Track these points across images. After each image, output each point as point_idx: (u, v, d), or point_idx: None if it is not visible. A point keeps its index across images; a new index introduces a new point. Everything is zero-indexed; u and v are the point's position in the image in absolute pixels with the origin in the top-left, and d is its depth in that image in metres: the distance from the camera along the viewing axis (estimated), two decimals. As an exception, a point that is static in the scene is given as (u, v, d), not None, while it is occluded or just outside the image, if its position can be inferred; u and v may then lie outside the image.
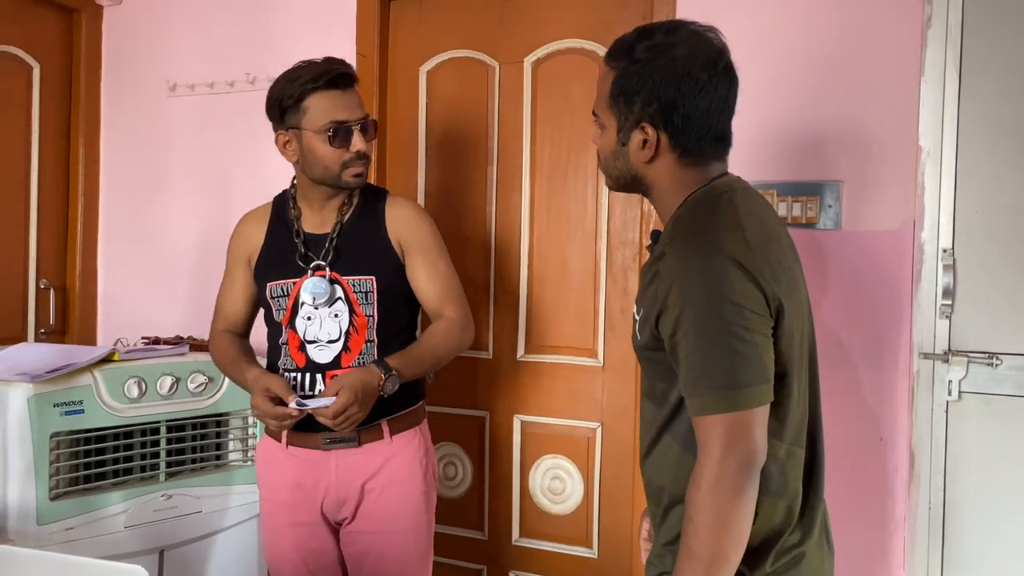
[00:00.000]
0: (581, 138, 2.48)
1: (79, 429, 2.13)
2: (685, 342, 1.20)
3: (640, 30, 1.31)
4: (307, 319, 1.84)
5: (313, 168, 1.81)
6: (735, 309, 1.17)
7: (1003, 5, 2.01)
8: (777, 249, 1.27)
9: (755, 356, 1.17)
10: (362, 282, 1.84)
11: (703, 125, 1.27)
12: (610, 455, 2.47)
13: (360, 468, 1.84)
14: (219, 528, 2.40)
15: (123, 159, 3.00)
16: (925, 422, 2.08)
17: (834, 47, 2.14)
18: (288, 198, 1.94)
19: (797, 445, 1.28)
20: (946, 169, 2.06)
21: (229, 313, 1.99)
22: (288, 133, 1.82)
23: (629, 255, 2.44)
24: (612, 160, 1.35)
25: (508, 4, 2.54)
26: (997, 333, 2.04)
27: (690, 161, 1.30)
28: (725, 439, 1.16)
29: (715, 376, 1.17)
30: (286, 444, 1.86)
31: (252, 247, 1.94)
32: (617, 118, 1.30)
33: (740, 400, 1.16)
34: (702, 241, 1.22)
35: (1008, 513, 2.03)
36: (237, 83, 2.79)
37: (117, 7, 2.99)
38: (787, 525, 1.27)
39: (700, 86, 1.25)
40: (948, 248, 2.06)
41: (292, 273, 1.85)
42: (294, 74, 1.79)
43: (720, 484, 1.16)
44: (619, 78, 1.28)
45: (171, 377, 2.28)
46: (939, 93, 2.06)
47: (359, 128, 1.79)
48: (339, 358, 1.83)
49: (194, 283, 2.89)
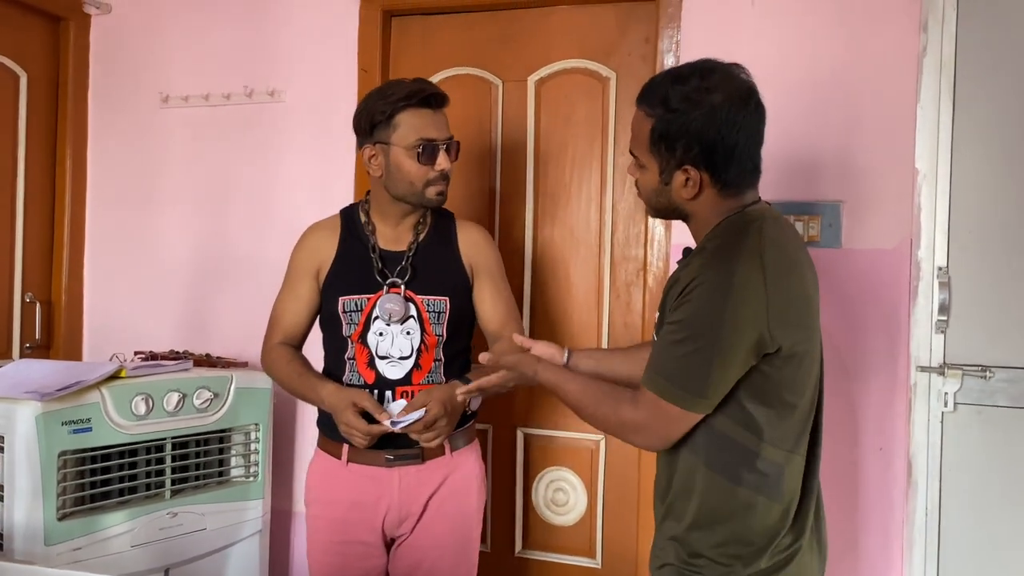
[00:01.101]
0: (584, 156, 2.53)
1: (87, 447, 2.09)
2: (672, 336, 1.34)
3: (672, 75, 1.39)
4: (379, 335, 1.85)
5: (397, 184, 1.83)
6: (726, 334, 1.28)
7: (993, 37, 2.13)
8: (796, 278, 1.36)
9: (715, 376, 1.30)
10: (436, 302, 1.88)
11: (742, 160, 1.37)
12: (613, 467, 2.52)
13: (424, 484, 1.86)
14: (224, 545, 2.37)
15: (112, 170, 2.94)
16: (922, 432, 2.17)
17: (835, 74, 2.23)
18: (358, 212, 1.94)
19: (797, 453, 1.38)
20: (941, 190, 2.16)
21: (289, 326, 1.95)
22: (375, 147, 1.83)
23: (632, 271, 2.50)
24: (655, 196, 1.44)
25: (512, 24, 2.58)
26: (989, 347, 2.14)
27: (729, 192, 1.39)
28: (649, 416, 1.35)
29: (679, 371, 1.31)
30: (346, 461, 1.86)
31: (322, 259, 1.92)
32: (659, 161, 1.39)
33: (680, 400, 1.32)
34: (722, 263, 1.32)
35: (1001, 519, 2.13)
36: (234, 96, 2.77)
37: (106, 16, 2.94)
38: (782, 526, 1.36)
39: (737, 127, 1.34)
40: (943, 266, 2.16)
41: (367, 288, 1.86)
42: (387, 90, 1.83)
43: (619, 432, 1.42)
44: (658, 125, 1.36)
45: (178, 393, 2.25)
46: (934, 119, 2.16)
47: (445, 148, 1.83)
48: (410, 375, 1.85)
49: (186, 297, 2.86)
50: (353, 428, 1.75)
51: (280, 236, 2.68)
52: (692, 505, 1.38)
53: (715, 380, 1.30)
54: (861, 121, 2.22)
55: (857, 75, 2.21)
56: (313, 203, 2.66)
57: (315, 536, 1.93)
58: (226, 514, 2.38)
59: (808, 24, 2.24)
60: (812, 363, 1.39)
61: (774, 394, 1.34)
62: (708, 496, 1.36)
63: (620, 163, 2.50)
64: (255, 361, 2.66)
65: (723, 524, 1.36)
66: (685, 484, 1.39)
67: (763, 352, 1.30)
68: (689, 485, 1.38)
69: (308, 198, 2.69)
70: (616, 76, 2.49)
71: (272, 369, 1.96)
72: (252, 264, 2.76)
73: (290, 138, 2.72)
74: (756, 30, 2.28)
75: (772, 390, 1.34)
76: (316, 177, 2.70)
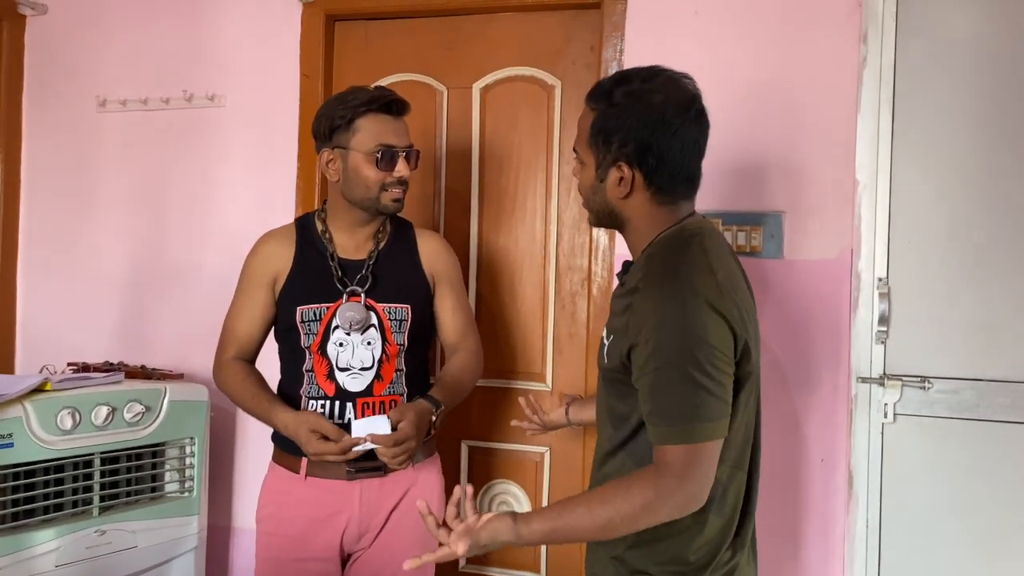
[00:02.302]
0: (530, 165, 2.50)
1: (8, 464, 2.01)
2: (655, 376, 1.27)
3: (619, 76, 1.41)
4: (339, 345, 1.81)
5: (354, 188, 1.81)
6: (708, 350, 1.26)
7: (932, 48, 2.14)
8: (740, 289, 1.37)
9: (719, 394, 1.27)
10: (398, 310, 1.85)
11: (675, 165, 1.36)
12: (558, 479, 2.49)
13: (386, 497, 1.83)
14: (157, 563, 2.30)
15: (47, 176, 2.86)
16: (863, 443, 2.17)
17: (777, 85, 2.23)
18: (314, 221, 1.91)
19: (739, 468, 1.38)
20: (880, 201, 2.16)
21: (243, 337, 1.89)
22: (334, 152, 1.81)
23: (577, 281, 2.47)
24: (591, 195, 1.43)
25: (457, 30, 2.55)
26: (929, 358, 2.15)
27: (662, 199, 1.39)
28: (682, 469, 1.26)
29: (680, 410, 1.26)
30: (305, 475, 1.81)
31: (278, 268, 1.87)
32: (596, 156, 1.39)
33: (700, 433, 1.26)
34: (677, 282, 1.30)
35: (940, 529, 2.13)
36: (173, 100, 2.70)
37: (42, 17, 2.85)
38: (723, 541, 1.37)
39: (673, 130, 1.34)
40: (883, 277, 2.16)
41: (326, 298, 1.82)
42: (348, 95, 1.81)
43: (663, 502, 1.26)
44: (598, 119, 1.38)
45: (107, 407, 2.18)
46: (874, 129, 2.16)
47: (405, 155, 1.82)
48: (371, 386, 1.82)
49: (123, 306, 2.78)
50: (324, 453, 1.70)
51: (220, 244, 2.65)
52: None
53: (724, 394, 1.28)
54: (802, 131, 2.22)
55: (798, 85, 2.21)
56: (253, 210, 2.61)
57: (266, 554, 1.87)
58: (159, 531, 2.31)
59: (750, 35, 2.24)
60: (755, 375, 1.40)
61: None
62: None
63: (565, 172, 2.47)
64: (192, 372, 2.61)
65: (665, 541, 1.35)
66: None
67: (742, 351, 1.31)
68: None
69: (248, 205, 2.64)
70: (561, 84, 2.47)
71: (226, 386, 1.89)
72: (191, 273, 2.69)
73: (230, 144, 2.66)
74: (699, 39, 2.27)
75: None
76: (257, 183, 2.64)
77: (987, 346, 2.11)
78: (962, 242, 2.12)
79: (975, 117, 2.11)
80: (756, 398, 1.42)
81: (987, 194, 2.11)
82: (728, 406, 1.29)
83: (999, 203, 2.10)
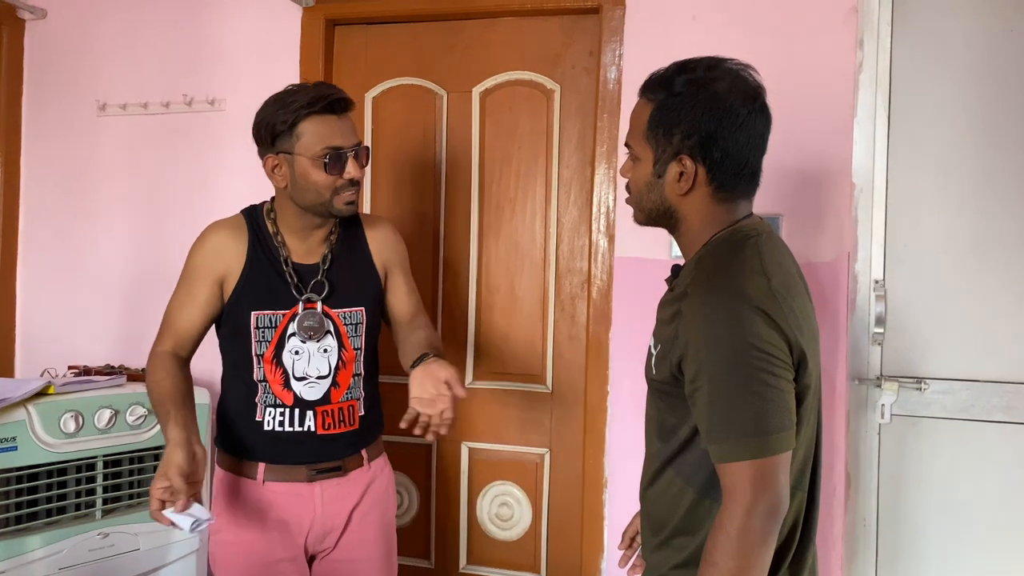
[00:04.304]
0: (530, 168, 2.52)
1: (11, 467, 2.02)
2: (710, 388, 1.19)
3: (679, 65, 1.30)
4: (295, 353, 1.76)
5: (304, 194, 1.72)
6: (761, 355, 1.17)
7: (927, 54, 2.17)
8: (799, 296, 1.27)
9: (781, 402, 1.18)
10: (353, 314, 1.80)
11: (740, 160, 1.27)
12: (558, 481, 2.51)
13: (346, 496, 1.81)
14: (158, 566, 2.31)
15: (46, 180, 2.86)
16: (860, 444, 2.20)
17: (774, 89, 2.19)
18: (263, 220, 1.81)
19: (799, 488, 1.29)
20: (877, 204, 2.19)
21: (182, 331, 1.77)
22: (278, 157, 1.72)
23: (577, 283, 2.49)
24: (646, 192, 1.34)
25: (457, 34, 2.57)
26: (924, 359, 2.18)
27: (723, 196, 1.30)
28: (753, 486, 1.16)
29: (741, 422, 1.17)
30: (263, 480, 1.77)
31: (227, 267, 1.76)
32: (654, 150, 1.30)
33: (767, 447, 1.16)
34: (727, 286, 1.22)
35: (937, 527, 2.16)
36: (173, 104, 2.71)
37: (41, 21, 2.86)
38: (780, 565, 1.27)
39: (740, 121, 1.25)
40: (880, 279, 2.19)
41: (281, 304, 1.75)
42: (287, 97, 1.70)
43: (749, 531, 1.16)
44: (658, 110, 1.28)
45: (109, 410, 2.19)
46: (870, 133, 2.19)
47: (353, 155, 1.72)
48: (328, 394, 1.78)
49: (123, 311, 2.79)
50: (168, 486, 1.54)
51: (220, 248, 2.64)
52: (693, 542, 1.29)
53: (786, 403, 1.19)
54: (800, 136, 2.24)
55: (795, 90, 2.23)
56: (254, 214, 2.61)
57: (232, 563, 1.79)
58: (160, 533, 2.31)
59: (748, 40, 2.26)
60: (815, 391, 1.29)
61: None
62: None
63: (565, 176, 2.49)
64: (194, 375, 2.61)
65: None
66: (686, 522, 1.30)
67: (799, 361, 1.22)
68: (691, 523, 1.30)
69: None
70: (560, 89, 2.49)
71: (149, 377, 1.75)
72: (191, 276, 2.69)
73: (230, 148, 2.67)
74: (697, 44, 2.29)
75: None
76: (256, 187, 2.61)
77: (981, 348, 2.14)
78: (957, 245, 2.15)
79: (970, 121, 2.14)
80: (817, 414, 1.32)
81: (982, 197, 2.14)
82: (793, 414, 1.19)
83: (994, 206, 2.13)
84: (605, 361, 2.37)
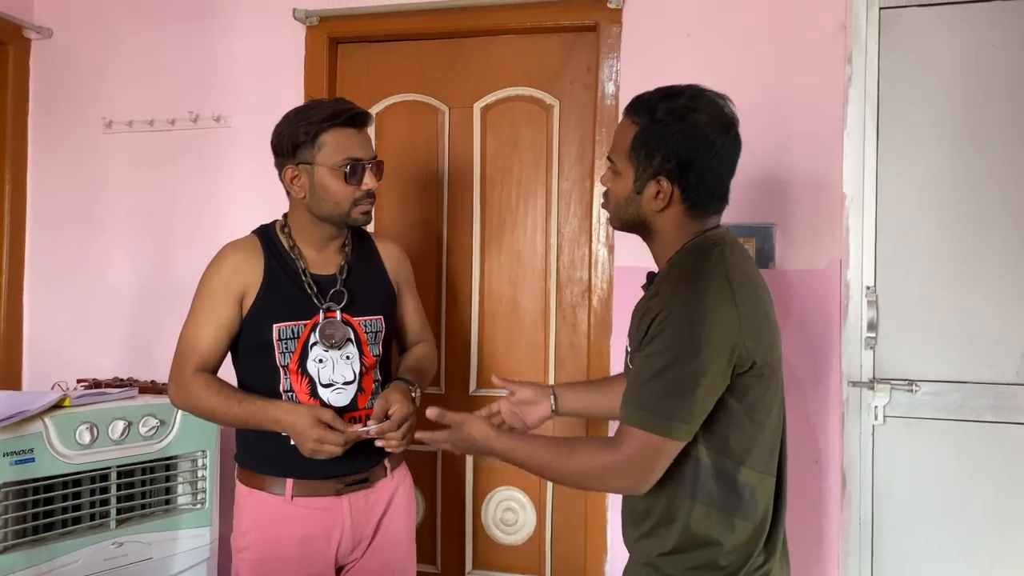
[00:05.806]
0: (530, 180, 2.59)
1: (29, 479, 2.06)
2: (645, 361, 1.34)
3: (663, 92, 1.43)
4: (319, 362, 1.80)
5: (323, 204, 1.79)
6: (703, 360, 1.30)
7: (913, 67, 2.25)
8: (760, 302, 1.40)
9: (697, 400, 1.31)
10: (373, 322, 1.86)
11: (713, 183, 1.42)
12: (562, 486, 2.55)
13: (373, 507, 1.86)
14: (171, 574, 2.34)
15: (53, 196, 2.91)
16: (854, 445, 2.27)
17: (767, 104, 2.33)
18: (277, 235, 1.87)
19: (768, 473, 1.42)
20: (867, 214, 2.27)
21: (206, 353, 1.80)
22: (298, 168, 1.78)
23: (577, 292, 2.56)
24: (624, 204, 1.47)
25: (458, 51, 2.64)
26: (915, 362, 2.25)
27: (695, 213, 1.43)
28: (632, 453, 1.33)
29: (657, 399, 1.31)
30: (291, 496, 1.79)
31: (246, 284, 1.80)
32: (635, 168, 1.43)
33: (665, 429, 1.31)
34: (691, 289, 1.34)
35: (930, 526, 2.23)
36: (179, 121, 2.76)
37: (47, 40, 2.91)
38: (755, 546, 1.40)
39: (715, 150, 1.39)
40: (871, 285, 2.26)
41: (302, 314, 1.79)
42: (309, 110, 1.78)
43: (590, 475, 1.37)
44: (641, 133, 1.41)
45: (123, 421, 2.23)
46: (860, 145, 2.27)
47: (371, 167, 1.79)
48: (355, 399, 1.82)
49: (130, 324, 2.83)
50: (329, 442, 1.67)
51: (227, 261, 2.69)
52: (674, 531, 1.40)
53: (698, 405, 1.32)
54: (792, 147, 2.32)
55: (787, 104, 2.32)
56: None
57: None
58: (173, 542, 2.35)
59: (741, 55, 2.35)
60: (778, 381, 1.43)
61: (748, 415, 1.37)
62: (691, 522, 1.39)
63: (564, 188, 2.56)
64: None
65: (702, 548, 1.39)
66: (667, 513, 1.41)
67: (740, 368, 1.34)
68: (671, 514, 1.40)
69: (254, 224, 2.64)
70: (559, 104, 2.56)
71: (197, 401, 1.77)
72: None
73: (235, 164, 2.72)
74: (692, 61, 2.37)
75: (746, 411, 1.37)
76: (261, 203, 2.67)
77: (970, 350, 2.22)
78: (945, 251, 2.23)
79: (955, 131, 2.23)
80: (780, 405, 1.45)
81: (968, 204, 2.22)
82: (702, 416, 1.33)
83: (979, 213, 2.21)
84: (606, 368, 2.43)
